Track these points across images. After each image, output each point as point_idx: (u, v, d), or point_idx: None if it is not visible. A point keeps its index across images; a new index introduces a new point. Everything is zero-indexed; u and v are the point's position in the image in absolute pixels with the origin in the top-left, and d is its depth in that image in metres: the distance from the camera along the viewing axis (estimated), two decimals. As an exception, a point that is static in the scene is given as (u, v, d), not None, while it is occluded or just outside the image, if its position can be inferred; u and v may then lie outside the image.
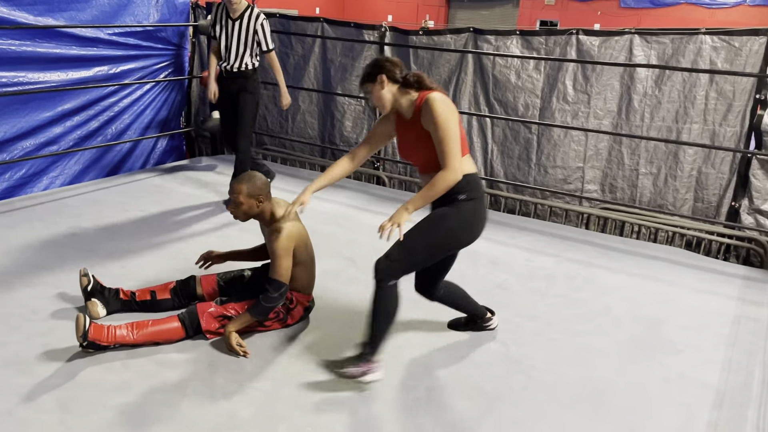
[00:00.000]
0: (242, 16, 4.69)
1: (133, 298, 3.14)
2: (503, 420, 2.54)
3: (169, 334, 2.88)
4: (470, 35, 5.55)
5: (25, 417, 2.38)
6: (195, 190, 5.30)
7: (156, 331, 2.86)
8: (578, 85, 5.23)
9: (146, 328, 2.85)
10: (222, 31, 4.72)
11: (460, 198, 2.66)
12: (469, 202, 2.67)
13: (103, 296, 3.10)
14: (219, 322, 2.93)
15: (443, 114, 2.56)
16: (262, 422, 2.44)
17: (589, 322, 3.41)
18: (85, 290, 3.10)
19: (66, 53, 5.34)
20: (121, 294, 3.14)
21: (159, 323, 2.88)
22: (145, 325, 2.86)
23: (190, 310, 2.93)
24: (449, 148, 2.56)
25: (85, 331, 2.71)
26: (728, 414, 2.68)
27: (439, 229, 2.66)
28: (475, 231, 2.75)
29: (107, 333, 2.77)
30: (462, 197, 2.66)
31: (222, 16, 4.72)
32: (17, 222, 4.33)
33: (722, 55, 4.75)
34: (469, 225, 2.71)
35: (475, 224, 2.73)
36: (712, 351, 3.18)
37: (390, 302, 2.65)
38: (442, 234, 2.66)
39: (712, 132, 4.88)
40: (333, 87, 6.26)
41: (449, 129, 2.56)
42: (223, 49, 4.76)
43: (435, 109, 2.56)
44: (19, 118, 5.15)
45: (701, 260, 4.46)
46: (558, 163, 5.41)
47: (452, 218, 2.66)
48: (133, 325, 2.84)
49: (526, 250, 4.40)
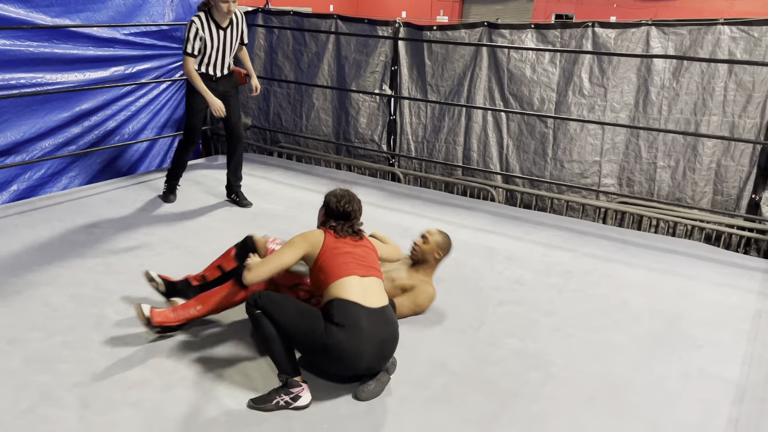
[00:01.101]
0: (231, 22, 4.60)
1: (204, 280, 3.19)
2: (520, 416, 2.53)
3: (230, 298, 2.90)
4: (485, 29, 5.52)
5: (46, 414, 2.41)
6: (212, 188, 5.33)
7: (218, 299, 2.90)
8: (594, 79, 5.18)
9: (209, 299, 2.90)
10: (211, 43, 4.53)
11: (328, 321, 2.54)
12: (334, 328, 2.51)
13: (178, 291, 3.16)
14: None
15: (292, 239, 2.77)
16: (279, 418, 2.45)
17: (607, 317, 3.38)
18: (162, 293, 3.15)
19: (83, 54, 5.39)
20: (192, 282, 3.19)
21: (218, 291, 2.91)
22: (207, 296, 2.91)
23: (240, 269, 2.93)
24: (268, 258, 2.73)
25: (147, 318, 2.81)
26: (749, 409, 2.64)
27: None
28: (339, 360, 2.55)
29: (174, 314, 2.87)
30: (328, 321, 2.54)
31: (208, 28, 4.48)
32: (37, 221, 4.39)
33: (741, 45, 4.67)
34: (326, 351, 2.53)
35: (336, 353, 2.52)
36: (733, 346, 3.14)
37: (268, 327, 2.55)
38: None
39: (732, 124, 4.81)
40: (347, 84, 6.26)
41: (279, 251, 2.73)
42: (214, 58, 4.61)
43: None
44: (37, 119, 5.21)
45: (721, 254, 4.40)
46: (574, 158, 5.37)
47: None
48: (196, 299, 2.91)
49: (543, 246, 4.38)
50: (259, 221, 4.62)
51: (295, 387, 2.51)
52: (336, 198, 2.86)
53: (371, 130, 6.30)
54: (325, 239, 2.74)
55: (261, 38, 6.65)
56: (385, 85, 6.08)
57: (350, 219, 2.84)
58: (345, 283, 2.61)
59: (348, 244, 2.76)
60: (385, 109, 6.21)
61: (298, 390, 2.51)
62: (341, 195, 2.88)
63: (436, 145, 5.99)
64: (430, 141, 6.03)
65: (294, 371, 2.55)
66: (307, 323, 2.53)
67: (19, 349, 2.82)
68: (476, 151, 5.80)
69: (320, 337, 2.49)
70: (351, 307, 2.54)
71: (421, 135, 6.07)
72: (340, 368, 2.61)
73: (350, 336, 2.49)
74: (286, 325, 2.52)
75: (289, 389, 2.50)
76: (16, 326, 3.01)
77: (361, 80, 6.19)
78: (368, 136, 6.32)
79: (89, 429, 2.34)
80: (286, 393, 2.50)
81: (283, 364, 2.54)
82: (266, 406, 2.49)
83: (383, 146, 6.28)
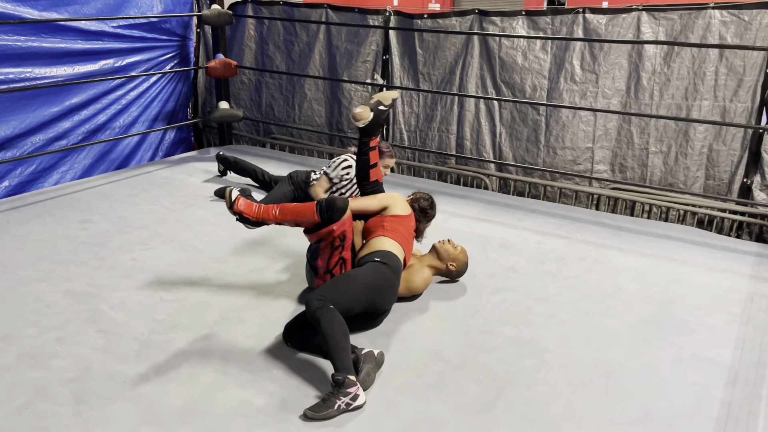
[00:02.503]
0: None
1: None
2: (515, 402, 2.55)
3: (307, 214, 3.02)
4: (475, 17, 5.50)
5: (42, 410, 2.41)
6: (203, 181, 5.32)
7: (296, 210, 3.04)
8: (586, 65, 5.18)
9: (288, 209, 3.05)
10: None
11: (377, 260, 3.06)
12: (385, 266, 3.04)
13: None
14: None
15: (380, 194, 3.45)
16: (275, 410, 2.45)
17: (601, 303, 3.40)
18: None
19: (72, 47, 5.35)
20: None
21: (299, 207, 3.07)
22: (287, 207, 3.07)
23: (329, 199, 3.04)
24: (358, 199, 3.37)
25: (232, 202, 2.99)
26: (742, 392, 2.66)
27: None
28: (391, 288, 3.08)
29: (256, 209, 3.03)
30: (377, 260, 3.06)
31: None
32: (29, 217, 4.37)
33: (732, 29, 4.67)
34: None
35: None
36: (725, 330, 3.16)
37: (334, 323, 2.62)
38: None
39: (723, 108, 4.82)
40: (339, 74, 6.24)
41: (369, 197, 3.39)
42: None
43: None
44: (27, 114, 5.18)
45: (713, 238, 4.42)
46: (567, 144, 5.37)
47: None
48: (278, 206, 3.07)
49: (536, 233, 4.39)
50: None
51: (352, 386, 2.44)
52: (428, 203, 3.52)
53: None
54: (412, 215, 3.38)
55: (251, 29, 6.61)
56: (377, 74, 6.06)
57: (428, 221, 3.55)
58: (398, 246, 3.15)
59: (410, 232, 3.33)
60: (377, 98, 6.18)
61: (355, 389, 2.44)
62: (431, 201, 3.55)
63: (429, 134, 5.98)
64: (422, 130, 6.02)
65: (351, 369, 2.50)
66: (378, 279, 2.94)
67: (13, 346, 2.82)
68: (469, 139, 5.79)
69: (390, 278, 3.00)
70: (397, 260, 3.11)
71: (414, 124, 6.05)
72: (391, 300, 3.08)
73: (398, 276, 3.10)
74: (366, 288, 2.88)
75: (347, 389, 2.42)
76: (9, 323, 3.00)
77: (352, 70, 6.16)
78: (361, 126, 6.29)
79: (85, 424, 2.34)
80: (345, 395, 2.41)
81: (346, 362, 2.50)
82: (329, 413, 2.37)
83: (376, 136, 6.25)
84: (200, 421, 2.39)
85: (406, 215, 3.32)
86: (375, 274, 2.95)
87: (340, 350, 2.53)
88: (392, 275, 3.02)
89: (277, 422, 2.39)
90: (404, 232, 3.25)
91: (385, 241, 3.14)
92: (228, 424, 2.37)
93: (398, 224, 3.24)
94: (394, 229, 3.21)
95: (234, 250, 3.94)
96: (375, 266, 2.99)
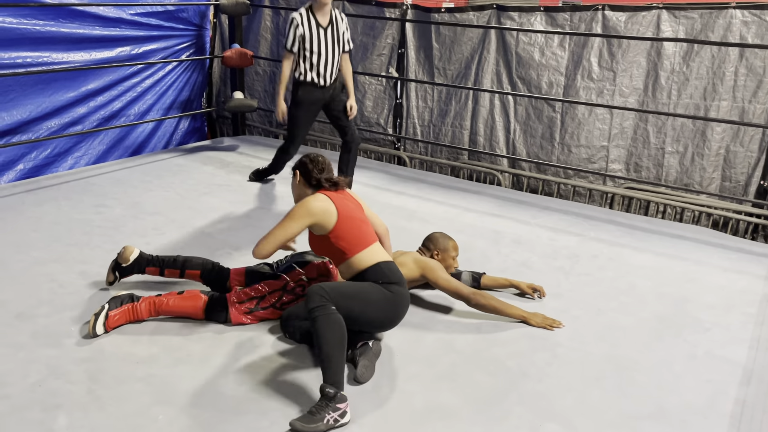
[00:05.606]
0: (331, 21, 4.45)
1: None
2: (527, 395, 2.54)
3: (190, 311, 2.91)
4: (493, 12, 5.48)
5: (55, 388, 2.42)
6: (217, 169, 5.33)
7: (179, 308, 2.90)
8: (603, 62, 5.14)
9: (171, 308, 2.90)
10: (310, 41, 4.39)
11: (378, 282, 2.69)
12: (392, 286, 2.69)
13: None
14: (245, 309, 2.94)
15: (292, 209, 2.72)
16: (285, 395, 2.45)
17: (614, 300, 3.37)
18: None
19: (89, 33, 5.37)
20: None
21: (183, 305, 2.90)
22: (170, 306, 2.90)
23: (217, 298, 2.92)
24: (272, 231, 2.71)
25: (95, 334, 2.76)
26: (756, 391, 2.64)
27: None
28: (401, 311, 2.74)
29: (130, 314, 2.85)
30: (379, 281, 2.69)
31: (308, 24, 4.38)
32: (44, 200, 4.39)
33: (753, 29, 4.63)
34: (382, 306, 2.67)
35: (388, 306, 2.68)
36: (740, 329, 3.13)
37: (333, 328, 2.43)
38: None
39: (741, 109, 4.78)
40: (353, 66, 6.22)
41: (284, 221, 2.71)
42: (316, 61, 4.44)
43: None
44: (44, 98, 5.21)
45: (728, 239, 4.39)
46: (582, 142, 5.34)
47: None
48: (153, 302, 2.89)
49: (550, 230, 4.36)
50: (264, 203, 4.62)
51: (343, 402, 2.29)
52: (309, 159, 2.94)
53: (377, 113, 6.27)
54: (336, 205, 2.73)
55: (268, 20, 6.61)
56: (392, 67, 6.04)
57: (330, 171, 2.94)
58: (374, 250, 2.75)
59: (352, 205, 2.84)
60: (392, 92, 6.18)
61: (344, 405, 2.29)
62: (312, 156, 2.97)
63: (443, 129, 5.97)
64: (436, 125, 6.00)
65: (342, 384, 2.36)
66: (375, 295, 2.62)
67: (27, 324, 2.83)
68: (482, 135, 5.77)
69: (390, 301, 2.65)
70: (391, 265, 2.76)
71: (428, 119, 6.04)
72: (395, 321, 2.74)
73: (404, 288, 2.74)
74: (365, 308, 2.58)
75: (337, 404, 2.27)
76: (24, 301, 3.02)
77: (367, 63, 6.15)
78: (374, 120, 6.29)
79: (98, 402, 2.35)
80: (334, 410, 2.26)
81: (338, 375, 2.34)
82: (318, 427, 2.22)
83: (389, 130, 6.25)
84: (211, 402, 2.39)
85: (333, 222, 2.72)
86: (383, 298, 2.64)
87: (333, 361, 2.35)
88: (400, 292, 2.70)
89: (285, 406, 2.39)
90: (356, 229, 2.75)
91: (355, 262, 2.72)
92: (239, 407, 2.37)
93: (346, 229, 2.72)
94: (344, 238, 2.71)
95: (248, 237, 3.94)
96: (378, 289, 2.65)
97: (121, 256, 3.10)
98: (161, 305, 2.86)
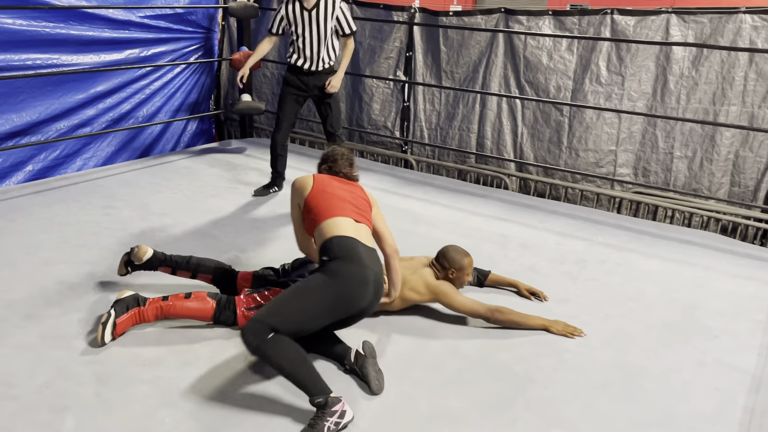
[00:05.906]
0: (318, 3, 4.35)
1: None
2: (533, 401, 2.53)
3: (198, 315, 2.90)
4: (501, 16, 5.47)
5: (63, 389, 2.43)
6: (225, 172, 5.34)
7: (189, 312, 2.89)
8: (612, 67, 5.13)
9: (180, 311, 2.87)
10: (295, 24, 4.37)
11: (324, 259, 2.57)
12: (331, 263, 2.53)
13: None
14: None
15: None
16: (292, 397, 2.45)
17: (622, 305, 3.36)
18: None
19: (98, 36, 5.40)
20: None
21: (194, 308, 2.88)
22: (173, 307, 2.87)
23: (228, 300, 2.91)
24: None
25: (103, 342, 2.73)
26: (764, 399, 2.62)
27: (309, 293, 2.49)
28: (349, 288, 2.50)
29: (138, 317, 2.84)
30: (324, 258, 2.57)
31: (292, 7, 4.36)
32: (53, 201, 4.41)
33: (763, 34, 4.61)
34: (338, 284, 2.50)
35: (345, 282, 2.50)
36: (749, 337, 3.11)
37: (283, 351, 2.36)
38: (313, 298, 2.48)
39: (751, 114, 4.75)
40: (361, 69, 6.24)
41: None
42: (302, 46, 4.42)
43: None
44: (53, 100, 5.24)
45: (737, 245, 4.36)
46: (590, 146, 5.33)
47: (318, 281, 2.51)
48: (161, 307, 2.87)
49: (557, 234, 4.35)
50: (272, 206, 4.63)
51: (336, 404, 2.28)
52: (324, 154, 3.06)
53: (384, 116, 6.28)
54: (315, 182, 2.82)
55: (276, 23, 6.62)
56: (399, 71, 6.05)
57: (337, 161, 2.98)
58: (339, 222, 2.65)
59: (343, 189, 2.84)
60: (399, 95, 6.18)
61: (340, 405, 2.28)
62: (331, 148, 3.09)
63: (450, 132, 5.97)
64: (443, 128, 6.00)
65: (327, 388, 2.32)
66: (312, 284, 2.49)
67: (35, 325, 2.84)
68: (490, 138, 5.77)
69: (330, 283, 2.47)
70: (349, 240, 2.59)
71: (435, 122, 6.04)
72: (354, 299, 2.51)
73: (353, 264, 2.51)
74: (305, 304, 2.43)
75: (331, 409, 2.26)
76: (33, 302, 3.03)
77: (375, 66, 6.16)
78: (381, 123, 6.30)
79: (105, 404, 2.36)
80: (331, 414, 2.25)
81: (314, 385, 2.31)
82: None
83: (396, 133, 6.26)
84: (217, 406, 2.39)
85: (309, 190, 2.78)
86: (321, 283, 2.50)
87: (301, 376, 2.31)
88: (340, 268, 2.51)
89: (292, 409, 2.39)
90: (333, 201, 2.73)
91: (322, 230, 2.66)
92: (245, 411, 2.38)
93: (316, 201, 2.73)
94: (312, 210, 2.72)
95: (254, 239, 3.95)
96: (318, 273, 2.55)
97: (134, 254, 3.09)
98: (168, 309, 2.87)
